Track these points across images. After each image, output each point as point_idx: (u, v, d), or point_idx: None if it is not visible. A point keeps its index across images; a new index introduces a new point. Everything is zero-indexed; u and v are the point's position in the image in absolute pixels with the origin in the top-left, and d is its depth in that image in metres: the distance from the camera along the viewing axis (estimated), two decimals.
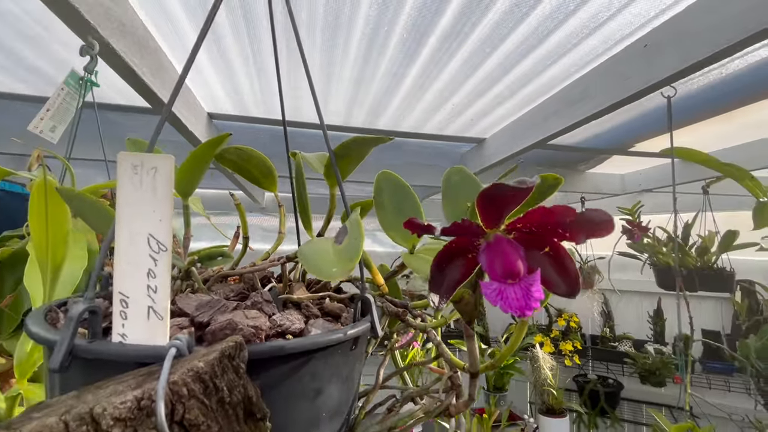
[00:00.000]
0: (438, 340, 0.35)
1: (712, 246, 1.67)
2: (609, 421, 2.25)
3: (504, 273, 0.22)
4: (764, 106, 1.19)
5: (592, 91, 0.99)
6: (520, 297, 0.22)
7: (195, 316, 0.24)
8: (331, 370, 0.26)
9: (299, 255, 0.24)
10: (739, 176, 1.35)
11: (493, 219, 0.23)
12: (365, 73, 1.05)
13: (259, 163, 0.36)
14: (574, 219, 0.21)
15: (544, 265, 0.24)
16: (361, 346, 0.30)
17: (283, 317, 0.27)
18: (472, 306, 0.28)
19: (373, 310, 0.29)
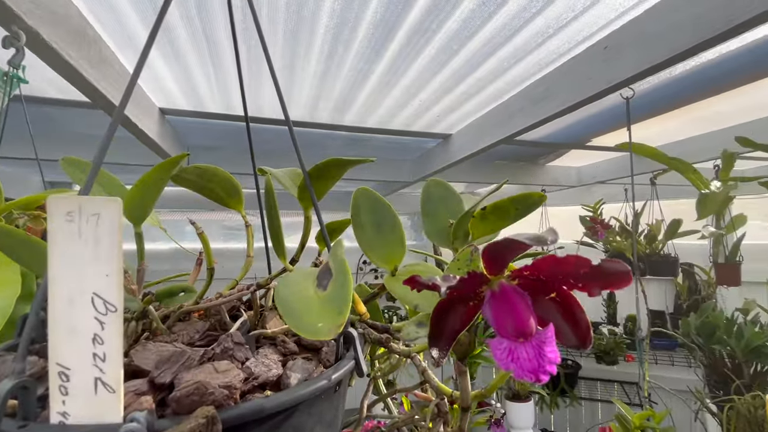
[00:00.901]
0: (423, 366, 0.34)
1: (659, 234, 1.79)
2: (568, 400, 2.38)
3: (515, 331, 0.20)
4: (707, 104, 1.28)
5: (555, 89, 1.01)
6: (532, 358, 0.20)
7: (155, 376, 0.21)
8: (314, 419, 0.24)
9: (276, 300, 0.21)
10: (683, 169, 1.44)
11: (498, 267, 0.22)
12: (330, 67, 1.01)
13: (223, 181, 0.32)
14: (589, 271, 0.20)
15: (551, 312, 0.23)
16: (345, 384, 0.28)
17: (258, 363, 0.24)
18: (467, 345, 0.27)
19: (358, 346, 0.27)
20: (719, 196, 1.33)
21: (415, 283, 0.21)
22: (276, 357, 0.26)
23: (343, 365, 0.25)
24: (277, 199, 0.31)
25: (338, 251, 0.22)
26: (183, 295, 0.33)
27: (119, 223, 0.18)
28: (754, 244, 2.32)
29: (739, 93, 1.21)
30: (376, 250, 0.34)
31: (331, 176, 0.30)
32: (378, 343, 0.33)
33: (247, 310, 0.35)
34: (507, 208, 0.31)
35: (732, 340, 1.78)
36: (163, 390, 0.21)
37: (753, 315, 1.91)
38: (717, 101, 1.27)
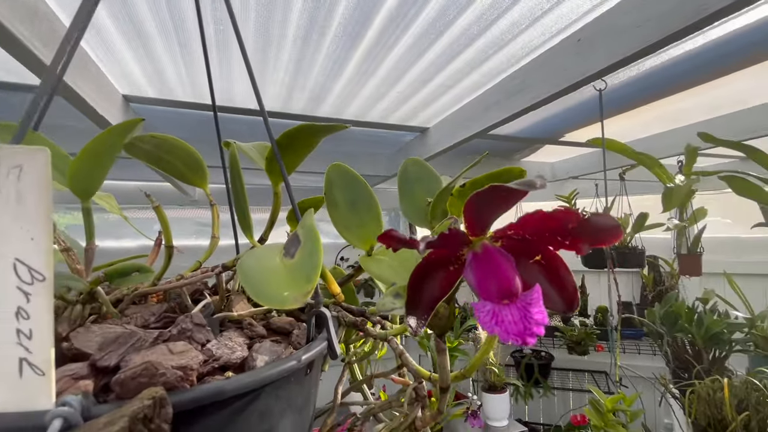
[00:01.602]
0: (401, 349, 0.32)
1: (627, 227, 1.85)
2: (542, 391, 2.45)
3: (499, 292, 0.19)
4: (671, 102, 1.33)
5: (530, 82, 1.02)
6: (518, 320, 0.19)
7: (98, 359, 0.19)
8: (283, 403, 0.22)
9: (239, 272, 0.19)
10: (649, 164, 1.50)
11: (480, 225, 0.20)
12: (305, 55, 0.98)
13: (183, 154, 0.30)
14: (577, 225, 0.19)
15: (537, 276, 0.22)
16: (317, 368, 0.27)
17: (220, 345, 0.22)
18: (446, 319, 0.26)
19: (331, 326, 0.25)
20: (683, 190, 1.39)
21: (390, 239, 0.19)
22: (242, 340, 0.24)
23: (314, 346, 0.24)
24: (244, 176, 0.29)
25: (308, 219, 0.20)
26: (137, 275, 0.30)
27: (47, 179, 0.16)
28: (713, 237, 2.44)
29: (700, 91, 1.26)
30: (351, 230, 0.33)
31: (302, 146, 0.28)
32: (353, 327, 0.31)
33: (212, 295, 0.33)
34: (485, 185, 0.30)
35: (693, 328, 1.87)
36: (107, 374, 0.19)
37: (711, 304, 2.01)
38: (680, 99, 1.32)
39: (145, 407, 0.15)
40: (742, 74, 1.14)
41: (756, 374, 1.62)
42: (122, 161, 1.62)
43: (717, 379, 1.60)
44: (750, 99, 1.38)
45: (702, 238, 1.80)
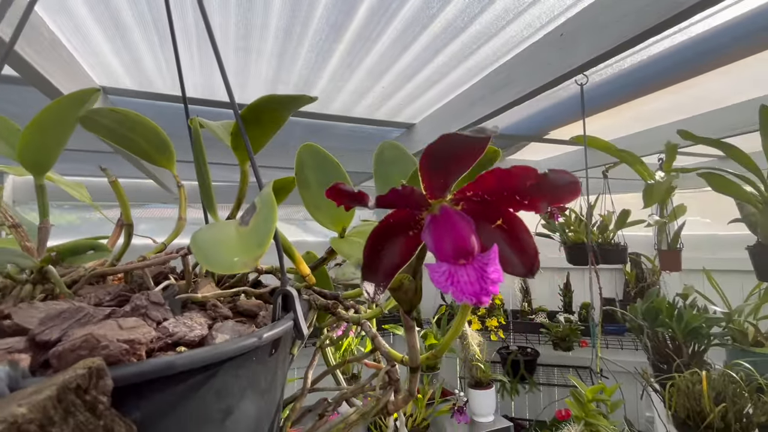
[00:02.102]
0: (373, 333, 0.32)
1: (610, 224, 1.88)
2: (528, 386, 2.47)
3: (455, 251, 0.19)
4: (653, 100, 1.35)
5: (514, 77, 1.02)
6: (474, 280, 0.18)
7: (38, 333, 0.17)
8: (244, 382, 0.21)
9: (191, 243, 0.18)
10: (631, 161, 1.52)
11: (438, 186, 0.20)
12: (288, 47, 0.97)
13: (147, 132, 0.28)
14: (536, 182, 0.18)
15: (498, 241, 0.21)
16: (284, 349, 0.26)
17: (178, 323, 0.21)
18: (413, 293, 0.25)
19: (297, 305, 0.24)
20: (663, 186, 1.42)
21: (338, 193, 0.18)
22: (203, 320, 0.23)
23: (278, 325, 0.23)
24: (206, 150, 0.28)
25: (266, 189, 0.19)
26: (92, 253, 0.29)
27: None
28: (693, 235, 2.50)
29: (679, 90, 1.29)
30: (322, 210, 0.32)
31: (269, 120, 0.27)
32: (325, 310, 0.31)
33: (178, 279, 0.32)
34: None
35: (673, 322, 1.91)
36: (48, 349, 0.17)
37: (691, 299, 2.06)
38: (660, 98, 1.35)
39: (78, 376, 0.13)
40: (719, 74, 1.17)
41: (733, 367, 1.66)
42: (105, 157, 1.58)
43: (696, 372, 1.64)
44: (727, 98, 1.42)
45: (682, 235, 1.84)
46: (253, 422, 0.22)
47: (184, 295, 0.26)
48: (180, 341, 0.20)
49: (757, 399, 1.61)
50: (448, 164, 0.18)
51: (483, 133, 0.17)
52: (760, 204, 1.28)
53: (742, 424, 1.58)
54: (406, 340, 0.28)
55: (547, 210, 0.20)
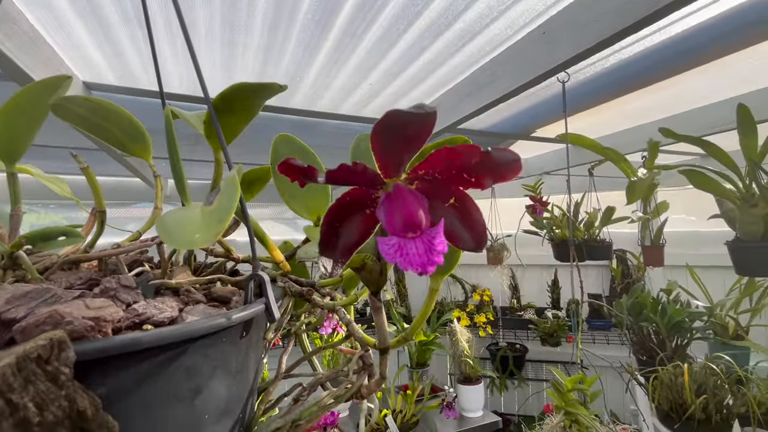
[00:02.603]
0: (348, 319, 0.32)
1: (595, 221, 1.91)
2: (516, 382, 2.50)
3: (404, 225, 0.19)
4: (636, 98, 1.38)
5: (500, 74, 1.04)
6: (422, 252, 0.19)
7: (3, 311, 0.18)
8: (214, 363, 0.22)
9: (156, 224, 0.19)
10: (615, 159, 1.55)
11: (392, 164, 0.21)
12: (274, 42, 0.97)
13: (121, 121, 0.29)
14: (480, 160, 0.19)
15: (451, 218, 0.22)
16: (256, 333, 0.26)
17: (149, 306, 0.21)
18: (378, 274, 0.26)
19: (268, 289, 0.25)
20: (645, 183, 1.45)
21: (289, 168, 0.19)
22: (175, 304, 0.23)
23: (249, 307, 0.23)
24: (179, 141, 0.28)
25: (232, 173, 0.19)
26: (64, 239, 0.29)
27: None
28: (676, 232, 2.56)
29: (662, 89, 1.32)
30: (297, 199, 0.32)
31: (241, 109, 0.27)
32: (299, 297, 0.31)
33: (154, 268, 0.32)
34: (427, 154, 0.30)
35: (657, 317, 1.95)
36: (12, 326, 0.18)
37: (674, 295, 2.10)
38: (642, 97, 1.38)
39: (39, 347, 0.14)
40: (699, 73, 1.20)
41: (714, 360, 1.70)
42: (91, 155, 1.56)
43: (678, 365, 1.68)
44: (707, 97, 1.45)
45: (666, 232, 1.88)
46: (223, 403, 0.23)
47: (157, 281, 0.27)
48: (148, 321, 0.20)
49: (736, 390, 1.65)
50: (396, 142, 0.19)
51: (422, 109, 0.17)
52: (738, 200, 1.31)
53: (723, 415, 1.62)
54: (375, 322, 0.28)
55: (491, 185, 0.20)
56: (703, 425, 1.57)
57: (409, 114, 0.17)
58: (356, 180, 0.20)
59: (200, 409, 0.21)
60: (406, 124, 0.18)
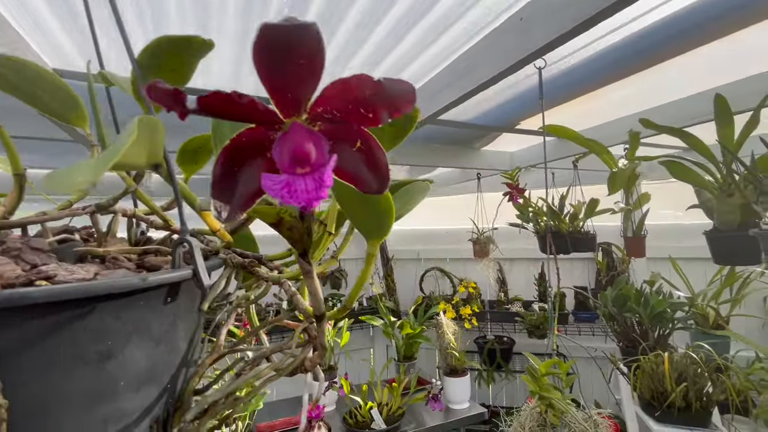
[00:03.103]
0: (293, 291, 0.31)
1: (580, 213, 1.93)
2: (504, 374, 2.52)
3: (293, 159, 0.19)
4: (618, 89, 1.38)
5: (479, 62, 1.03)
6: (311, 189, 0.19)
7: None
8: (128, 327, 0.21)
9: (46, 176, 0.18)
10: (598, 150, 1.56)
11: (288, 100, 0.20)
12: (250, 27, 0.95)
13: (52, 87, 0.27)
14: (374, 91, 0.19)
15: (358, 162, 0.22)
16: (187, 302, 0.25)
17: (60, 268, 0.20)
18: (301, 232, 0.25)
19: (197, 254, 0.24)
20: (625, 173, 1.46)
21: (156, 91, 0.18)
22: (94, 269, 0.22)
23: (170, 271, 0.22)
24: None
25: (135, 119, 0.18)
26: None
27: None
28: (659, 225, 2.59)
29: (641, 80, 1.33)
30: None
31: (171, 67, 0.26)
32: (241, 268, 0.30)
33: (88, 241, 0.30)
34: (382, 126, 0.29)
35: (640, 308, 1.97)
36: None
37: (657, 286, 2.13)
38: (623, 88, 1.39)
39: None
40: (680, 64, 1.21)
41: (694, 348, 1.73)
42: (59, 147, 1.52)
43: (659, 354, 1.70)
44: (686, 88, 1.47)
45: (650, 225, 1.91)
46: (144, 371, 0.22)
47: (82, 248, 0.26)
48: (51, 280, 0.19)
49: (716, 378, 1.68)
50: (282, 69, 0.18)
51: (292, 21, 0.16)
52: (716, 191, 1.33)
53: (702, 402, 1.64)
54: (307, 287, 0.28)
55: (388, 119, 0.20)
56: (683, 413, 1.60)
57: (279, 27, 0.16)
58: (245, 115, 0.19)
59: (113, 375, 0.20)
60: (282, 44, 0.17)
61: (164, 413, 0.24)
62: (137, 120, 0.17)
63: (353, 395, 1.70)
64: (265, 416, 1.93)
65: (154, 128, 0.19)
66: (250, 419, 1.66)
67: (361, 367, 2.94)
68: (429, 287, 3.04)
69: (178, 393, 0.25)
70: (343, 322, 2.13)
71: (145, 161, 0.21)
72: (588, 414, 0.98)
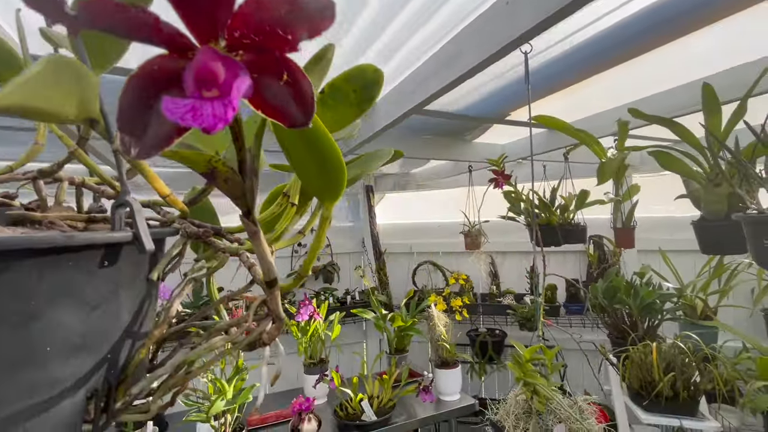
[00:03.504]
0: (251, 262, 0.30)
1: (570, 205, 1.93)
2: (496, 366, 2.53)
3: (198, 79, 0.17)
4: (606, 79, 1.38)
5: (465, 49, 1.02)
6: (218, 113, 0.17)
7: None
8: (54, 288, 0.19)
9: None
10: (588, 141, 1.56)
11: (199, 22, 0.18)
12: None
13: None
14: (290, 8, 0.17)
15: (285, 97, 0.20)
16: (129, 269, 0.24)
17: None
18: (240, 188, 0.23)
19: (138, 217, 0.23)
20: (614, 162, 1.46)
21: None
22: (23, 230, 0.21)
23: (103, 232, 0.21)
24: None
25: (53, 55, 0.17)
26: None
27: None
28: (651, 217, 2.60)
29: (632, 68, 1.32)
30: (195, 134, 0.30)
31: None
32: (196, 238, 0.29)
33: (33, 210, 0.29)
34: (344, 90, 0.28)
35: (630, 299, 1.98)
36: None
37: (647, 278, 2.15)
38: (611, 79, 1.38)
39: None
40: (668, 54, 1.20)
41: (682, 338, 1.74)
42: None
43: (648, 344, 1.71)
44: (675, 78, 1.46)
45: (640, 217, 1.91)
46: (78, 338, 0.21)
47: (16, 212, 0.24)
48: None
49: (703, 368, 1.69)
50: None
51: None
52: (703, 180, 1.33)
53: (690, 392, 1.66)
54: (255, 250, 0.26)
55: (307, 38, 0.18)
56: (670, 402, 1.61)
57: None
58: (149, 34, 0.18)
59: (38, 339, 0.19)
60: None
61: (104, 385, 0.22)
62: (46, 58, 0.16)
63: (344, 388, 1.69)
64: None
65: (77, 73, 0.18)
66: (239, 412, 1.65)
67: (354, 361, 2.94)
68: (422, 281, 3.03)
69: (122, 365, 0.24)
70: (334, 316, 2.12)
71: (75, 112, 0.19)
72: (574, 400, 0.98)
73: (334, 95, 0.28)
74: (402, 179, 3.10)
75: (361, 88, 0.28)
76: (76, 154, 0.28)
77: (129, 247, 0.23)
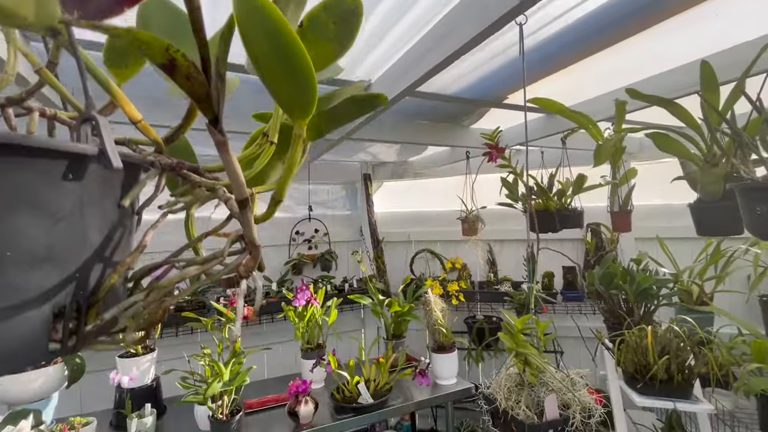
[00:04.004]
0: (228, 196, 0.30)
1: (567, 190, 1.92)
2: (493, 353, 2.54)
3: None
4: (604, 60, 1.36)
5: (459, 24, 1.01)
6: None
7: None
8: (12, 191, 0.19)
9: None
10: (584, 123, 1.55)
11: None
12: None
13: None
14: None
15: None
16: (97, 188, 0.23)
17: None
18: (202, 85, 0.23)
19: (105, 133, 0.22)
20: (610, 143, 1.45)
21: None
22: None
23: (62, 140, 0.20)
24: None
25: None
26: None
27: None
28: (648, 205, 2.60)
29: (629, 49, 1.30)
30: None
31: None
32: (170, 170, 0.28)
33: None
34: (323, 21, 0.27)
35: (626, 285, 1.99)
36: None
37: (644, 264, 2.15)
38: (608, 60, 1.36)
39: None
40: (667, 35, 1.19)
41: (677, 323, 1.75)
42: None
43: (643, 328, 1.72)
44: (675, 59, 1.45)
45: (638, 205, 1.91)
46: (41, 249, 0.20)
47: None
48: None
49: (698, 351, 1.70)
50: None
51: None
52: (700, 162, 1.32)
53: (684, 375, 1.66)
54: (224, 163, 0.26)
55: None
56: (665, 384, 1.62)
57: None
58: None
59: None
60: None
61: (73, 304, 0.22)
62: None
63: (341, 371, 1.70)
64: (253, 394, 1.94)
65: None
66: (236, 394, 1.66)
67: (352, 348, 2.95)
68: (420, 269, 3.04)
69: (92, 287, 0.24)
70: (331, 302, 2.12)
71: (33, 16, 0.19)
72: (566, 373, 0.98)
73: (314, 28, 0.28)
74: (399, 167, 3.09)
75: (340, 19, 0.27)
76: (41, 73, 0.28)
77: (97, 166, 0.22)
